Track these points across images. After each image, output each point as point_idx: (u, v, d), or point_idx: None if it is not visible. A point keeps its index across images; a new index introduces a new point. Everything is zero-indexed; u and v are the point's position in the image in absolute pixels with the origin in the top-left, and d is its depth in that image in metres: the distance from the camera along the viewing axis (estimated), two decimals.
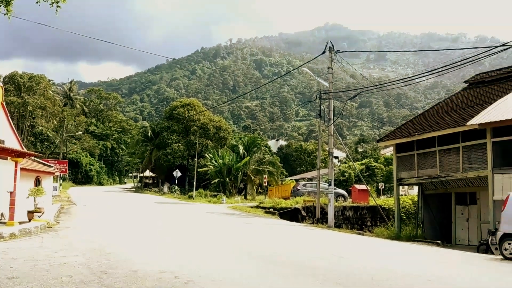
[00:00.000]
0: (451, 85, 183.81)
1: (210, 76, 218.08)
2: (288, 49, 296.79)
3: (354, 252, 13.49)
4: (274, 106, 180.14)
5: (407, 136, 22.22)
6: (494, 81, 24.16)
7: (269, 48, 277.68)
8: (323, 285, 7.58)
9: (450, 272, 10.32)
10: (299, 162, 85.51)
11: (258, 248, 12.60)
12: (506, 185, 17.29)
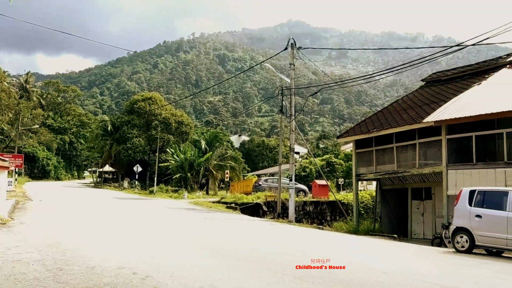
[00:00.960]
0: (409, 83, 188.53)
1: (173, 70, 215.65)
2: (251, 44, 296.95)
3: (314, 246, 13.68)
4: (237, 101, 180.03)
5: (366, 133, 22.68)
6: (450, 80, 24.94)
7: (233, 43, 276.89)
8: (282, 279, 7.66)
9: (404, 264, 10.64)
10: (261, 157, 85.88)
11: (219, 243, 12.59)
12: (460, 181, 17.92)
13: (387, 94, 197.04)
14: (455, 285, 7.86)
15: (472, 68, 24.87)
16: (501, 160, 17.33)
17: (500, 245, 12.41)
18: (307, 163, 56.00)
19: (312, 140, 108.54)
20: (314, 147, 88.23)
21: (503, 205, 12.42)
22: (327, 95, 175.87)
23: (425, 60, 20.38)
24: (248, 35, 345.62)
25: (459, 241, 13.10)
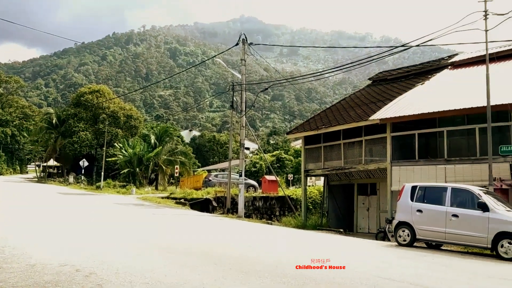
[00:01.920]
0: (358, 81, 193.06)
1: (122, 62, 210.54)
2: (203, 39, 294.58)
3: (262, 241, 13.79)
4: (188, 96, 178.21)
5: (314, 129, 23.08)
6: (395, 79, 25.78)
7: (184, 37, 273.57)
8: (229, 274, 7.68)
9: (348, 258, 10.92)
10: (212, 153, 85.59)
11: (166, 239, 12.46)
12: (403, 177, 18.59)
13: (336, 92, 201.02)
14: (395, 277, 8.14)
15: (416, 68, 25.81)
16: (441, 157, 18.11)
17: (439, 239, 12.98)
18: (258, 158, 56.32)
19: (263, 136, 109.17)
20: (265, 143, 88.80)
21: (442, 200, 12.98)
22: (278, 91, 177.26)
23: (373, 59, 20.97)
24: (200, 29, 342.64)
25: (401, 235, 13.59)
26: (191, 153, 61.61)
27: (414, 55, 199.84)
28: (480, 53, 21.41)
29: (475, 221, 12.09)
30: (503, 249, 11.52)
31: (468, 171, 16.83)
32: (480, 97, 15.75)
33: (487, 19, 15.56)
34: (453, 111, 17.47)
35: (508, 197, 15.41)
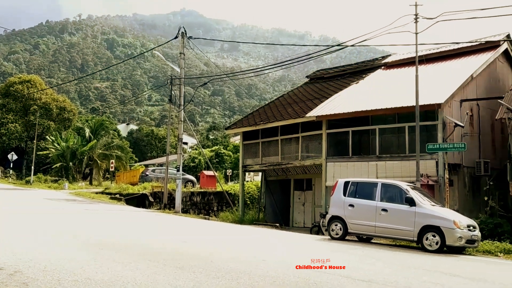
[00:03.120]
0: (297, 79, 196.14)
1: (56, 52, 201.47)
2: (142, 31, 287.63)
3: (198, 236, 13.75)
4: (125, 88, 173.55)
5: (253, 125, 23.26)
6: (332, 78, 26.46)
7: (122, 28, 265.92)
8: (163, 270, 7.59)
9: (283, 252, 11.13)
10: (150, 147, 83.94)
11: (98, 235, 12.12)
12: (337, 173, 19.14)
13: (276, 89, 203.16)
14: (326, 269, 8.37)
15: (352, 68, 26.62)
16: (373, 154, 18.81)
17: (370, 232, 13.50)
18: (197, 154, 55.93)
19: (203, 131, 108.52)
20: (204, 138, 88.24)
21: (373, 195, 13.50)
22: (219, 87, 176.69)
23: (311, 58, 21.43)
24: (139, 21, 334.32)
25: (334, 229, 14.01)
26: (128, 148, 60.22)
27: (350, 55, 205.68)
28: (411, 55, 22.39)
29: (402, 215, 12.68)
30: (428, 241, 12.17)
31: (398, 168, 17.60)
32: (410, 97, 16.49)
33: (418, 22, 16.31)
34: (384, 109, 18.19)
35: (434, 192, 16.27)
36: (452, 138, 16.97)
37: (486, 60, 20.20)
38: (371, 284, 7.12)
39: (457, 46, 22.23)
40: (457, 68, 20.39)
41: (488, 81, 20.87)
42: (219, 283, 6.77)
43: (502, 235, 14.56)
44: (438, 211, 12.60)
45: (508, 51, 22.30)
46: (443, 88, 17.71)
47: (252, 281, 6.96)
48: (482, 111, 19.77)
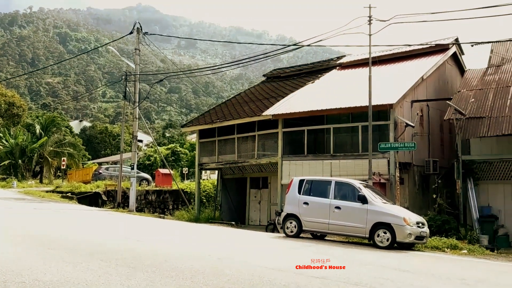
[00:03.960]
0: (254, 78, 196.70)
1: (5, 45, 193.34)
2: (97, 25, 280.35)
3: (152, 235, 13.58)
4: (79, 84, 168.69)
5: (209, 123, 23.17)
6: (288, 77, 26.70)
7: (76, 22, 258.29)
8: (115, 270, 7.45)
9: (238, 250, 11.15)
10: (104, 145, 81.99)
11: (48, 235, 11.76)
12: (293, 171, 19.33)
13: (233, 87, 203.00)
14: (281, 267, 8.46)
15: (308, 68, 26.95)
16: (328, 152, 19.12)
17: (324, 230, 13.73)
18: (152, 151, 55.11)
19: (159, 129, 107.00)
20: (160, 135, 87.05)
21: (327, 193, 13.73)
22: (175, 84, 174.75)
23: (268, 57, 21.56)
24: (94, 15, 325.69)
25: (288, 227, 14.15)
26: (81, 145, 58.59)
27: (307, 55, 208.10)
28: (365, 56, 22.88)
29: (355, 213, 12.96)
30: (379, 238, 12.50)
31: (351, 166, 17.96)
32: (364, 97, 16.85)
33: (371, 24, 16.69)
34: (339, 109, 18.53)
35: (385, 190, 16.70)
36: (403, 138, 17.47)
37: (436, 63, 20.92)
38: (324, 281, 7.24)
39: (409, 48, 22.93)
40: (408, 70, 21.00)
41: (437, 82, 21.62)
42: (173, 282, 6.71)
43: (449, 232, 15.12)
44: (389, 208, 12.97)
45: (456, 54, 23.19)
46: (395, 89, 18.20)
47: (207, 280, 6.94)
48: (432, 111, 20.46)
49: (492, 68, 19.92)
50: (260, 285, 6.73)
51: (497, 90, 17.82)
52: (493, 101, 17.14)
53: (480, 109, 16.91)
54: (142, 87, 44.96)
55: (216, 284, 6.67)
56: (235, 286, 6.60)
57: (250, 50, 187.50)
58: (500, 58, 20.23)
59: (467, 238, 14.84)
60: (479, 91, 18.23)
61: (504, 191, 17.13)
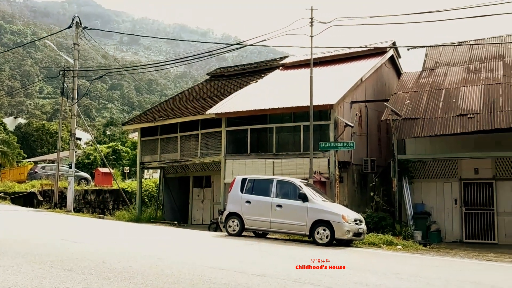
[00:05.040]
0: (198, 76, 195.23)
1: None
2: (34, 18, 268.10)
3: (90, 236, 13.20)
4: (14, 79, 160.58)
5: (152, 121, 22.81)
6: (232, 76, 26.76)
7: (11, 14, 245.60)
8: (49, 273, 7.18)
9: (178, 250, 11.06)
10: (40, 142, 78.64)
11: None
12: (236, 170, 19.38)
13: (177, 85, 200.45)
14: (222, 265, 8.47)
15: (252, 67, 27.14)
16: (270, 151, 19.34)
17: (265, 228, 13.89)
18: (92, 150, 53.49)
19: (99, 127, 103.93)
20: (101, 133, 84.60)
21: (269, 191, 13.90)
22: (117, 81, 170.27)
23: (213, 55, 21.50)
24: (31, 7, 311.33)
25: (231, 225, 14.20)
26: (16, 143, 55.99)
27: (252, 55, 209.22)
28: (307, 57, 23.25)
29: (296, 211, 13.20)
30: (319, 235, 12.79)
31: (293, 165, 18.26)
32: (306, 97, 17.17)
33: (313, 26, 17.04)
34: (281, 109, 18.79)
35: (326, 188, 17.11)
36: (343, 137, 17.97)
37: (375, 65, 21.66)
38: (263, 278, 7.33)
39: (349, 51, 23.58)
40: (348, 72, 21.62)
41: (375, 84, 22.39)
42: (110, 284, 6.56)
43: (385, 228, 15.70)
44: (329, 206, 13.30)
45: (393, 57, 24.11)
46: (336, 90, 18.68)
47: (146, 280, 6.84)
48: (370, 112, 21.17)
49: (426, 71, 20.86)
50: (201, 284, 6.71)
51: (431, 93, 18.69)
52: (427, 103, 17.97)
53: (415, 110, 17.67)
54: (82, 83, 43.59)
55: (155, 285, 6.59)
56: (175, 286, 6.55)
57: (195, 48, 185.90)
58: (434, 62, 21.22)
59: (402, 234, 15.46)
60: (414, 93, 19.05)
61: (436, 188, 18.03)
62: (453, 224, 17.68)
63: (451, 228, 17.70)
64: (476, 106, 16.64)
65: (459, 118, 16.37)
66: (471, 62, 20.24)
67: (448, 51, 21.95)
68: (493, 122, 15.48)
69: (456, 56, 21.29)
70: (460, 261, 11.79)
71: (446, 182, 17.98)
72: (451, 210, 17.76)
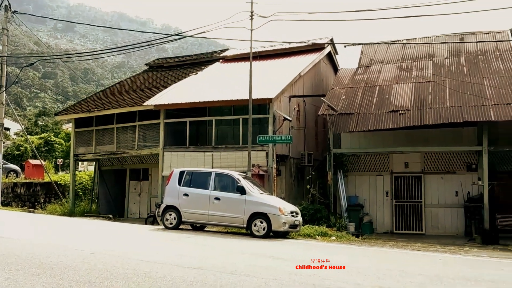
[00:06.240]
0: (137, 66, 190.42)
1: None
2: None
3: (18, 230, 12.64)
4: None
5: (86, 112, 22.08)
6: (171, 67, 26.37)
7: None
8: None
9: (113, 243, 10.83)
10: None
11: None
12: (174, 162, 19.18)
13: (115, 75, 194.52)
14: (158, 259, 8.39)
15: (192, 59, 26.88)
16: (210, 144, 19.29)
17: (203, 221, 13.86)
18: (23, 141, 50.97)
19: (31, 117, 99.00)
20: (33, 124, 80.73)
21: (207, 184, 13.87)
22: (51, 69, 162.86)
23: (152, 45, 21.08)
24: None
25: (168, 218, 14.05)
26: None
27: (192, 46, 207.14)
28: (248, 50, 23.34)
29: (234, 204, 13.27)
30: (256, 227, 12.94)
31: (232, 158, 18.30)
32: (246, 90, 17.23)
33: (253, 19, 17.11)
34: (221, 101, 18.76)
35: (264, 181, 17.31)
36: (281, 131, 18.22)
37: (313, 61, 22.09)
38: (200, 271, 7.33)
39: (289, 46, 23.91)
40: (288, 66, 21.90)
41: (313, 79, 22.85)
42: (39, 280, 6.33)
43: (321, 220, 16.12)
44: (266, 199, 13.47)
45: (331, 53, 24.70)
46: (275, 84, 18.88)
47: (78, 276, 6.66)
48: (308, 107, 21.59)
49: (362, 68, 21.54)
50: (135, 278, 6.62)
51: (365, 89, 19.33)
52: (362, 99, 18.57)
53: (350, 106, 18.21)
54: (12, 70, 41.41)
55: (87, 280, 6.43)
56: (108, 281, 6.41)
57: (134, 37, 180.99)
58: (369, 59, 21.95)
59: (336, 225, 15.95)
60: (349, 89, 19.62)
61: (369, 181, 18.77)
62: (384, 216, 18.49)
63: (383, 219, 18.50)
64: (407, 103, 17.41)
65: (391, 114, 17.05)
66: (404, 61, 21.12)
67: (382, 49, 22.77)
68: (422, 118, 16.25)
69: (390, 54, 22.14)
70: (390, 251, 12.35)
71: (378, 175, 18.76)
72: (383, 202, 18.56)
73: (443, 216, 17.87)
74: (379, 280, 7.34)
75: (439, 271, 8.87)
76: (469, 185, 17.52)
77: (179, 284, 6.36)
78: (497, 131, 16.73)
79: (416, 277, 7.81)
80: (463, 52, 20.42)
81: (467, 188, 17.51)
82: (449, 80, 18.13)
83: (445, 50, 20.78)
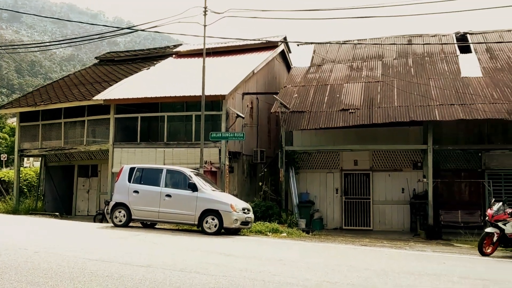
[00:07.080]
0: (87, 60, 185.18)
1: None
2: None
3: None
4: None
5: (32, 105, 21.31)
6: (123, 61, 25.84)
7: None
8: None
9: (58, 242, 10.51)
10: None
11: None
12: (125, 159, 18.83)
13: (63, 68, 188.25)
14: (105, 257, 8.20)
15: (144, 53, 26.44)
16: (162, 140, 19.05)
17: (154, 218, 13.68)
18: None
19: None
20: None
21: (158, 181, 13.70)
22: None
23: (103, 38, 20.54)
24: None
25: (117, 216, 13.77)
26: None
27: (145, 41, 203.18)
28: (201, 46, 23.15)
29: (185, 201, 13.17)
30: (207, 224, 12.90)
31: (184, 154, 18.15)
32: (199, 86, 17.12)
33: (206, 15, 17.01)
34: (173, 97, 18.55)
35: (216, 178, 17.27)
36: (234, 128, 18.24)
37: (266, 58, 22.21)
38: (149, 269, 7.22)
39: (243, 43, 23.93)
40: (241, 63, 21.92)
41: (267, 77, 22.99)
42: None
43: (272, 217, 16.28)
44: (218, 195, 13.45)
45: (284, 52, 24.92)
46: (228, 81, 18.86)
47: (20, 276, 6.39)
48: (261, 104, 21.71)
49: (314, 67, 21.85)
50: (81, 277, 6.44)
51: (317, 88, 19.64)
52: (313, 97, 18.86)
53: (302, 104, 18.46)
54: None
55: (30, 280, 6.19)
56: (53, 281, 6.20)
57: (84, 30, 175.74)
58: (321, 58, 22.29)
59: (288, 222, 16.14)
60: (302, 88, 19.88)
61: (320, 179, 19.11)
62: (334, 212, 18.89)
63: (333, 216, 18.89)
64: (357, 102, 17.83)
65: (342, 112, 17.42)
66: (354, 61, 21.60)
67: (334, 49, 23.18)
68: (371, 117, 16.70)
69: (341, 54, 22.57)
70: (339, 246, 12.62)
71: (329, 172, 19.13)
72: (333, 199, 18.95)
73: (390, 212, 18.45)
74: (328, 275, 7.47)
75: (385, 265, 9.15)
76: (414, 182, 18.15)
77: (127, 282, 6.24)
78: (441, 131, 17.46)
79: (363, 271, 8.01)
80: (411, 54, 21.11)
81: (412, 185, 18.13)
82: (397, 80, 18.70)
83: (394, 51, 21.41)
